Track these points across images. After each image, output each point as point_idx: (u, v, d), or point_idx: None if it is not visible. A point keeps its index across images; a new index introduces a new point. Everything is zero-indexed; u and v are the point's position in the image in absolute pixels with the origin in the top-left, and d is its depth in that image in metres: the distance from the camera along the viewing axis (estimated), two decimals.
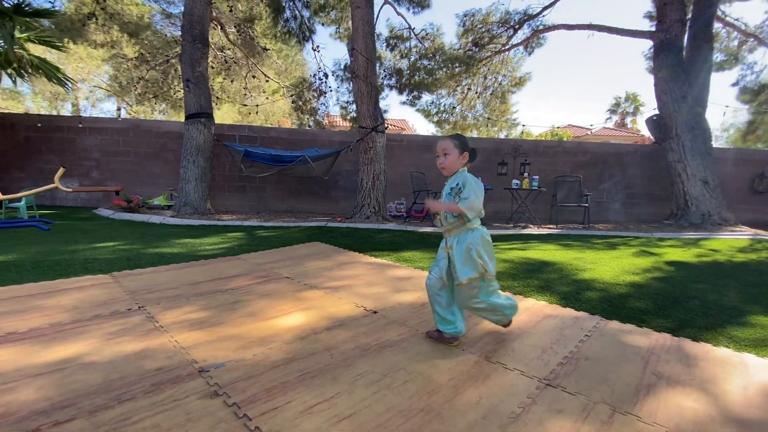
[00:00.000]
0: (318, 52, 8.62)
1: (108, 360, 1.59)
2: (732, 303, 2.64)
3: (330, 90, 9.59)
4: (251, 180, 7.70)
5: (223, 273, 3.01)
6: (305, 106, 9.66)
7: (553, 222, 7.51)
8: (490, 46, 10.59)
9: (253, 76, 10.71)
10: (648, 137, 25.13)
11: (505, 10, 10.32)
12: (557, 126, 27.21)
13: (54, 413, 1.23)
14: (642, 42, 9.83)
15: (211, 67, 9.28)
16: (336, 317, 2.14)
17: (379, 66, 10.25)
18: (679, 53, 7.15)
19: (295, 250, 4.01)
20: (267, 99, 10.97)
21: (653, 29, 7.95)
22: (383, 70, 10.71)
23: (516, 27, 10.40)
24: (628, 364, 1.68)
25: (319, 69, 9.07)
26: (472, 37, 10.73)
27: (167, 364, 1.56)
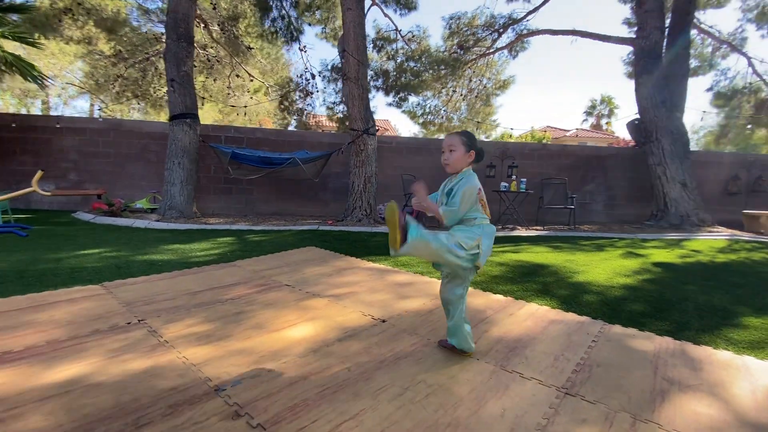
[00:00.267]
0: (305, 52, 8.52)
1: (116, 380, 1.51)
2: (722, 304, 2.75)
3: (317, 90, 9.48)
4: (237, 182, 7.54)
5: (221, 281, 2.93)
6: (291, 106, 9.53)
7: (540, 223, 7.67)
8: (475, 49, 10.72)
9: (237, 75, 10.50)
10: (623, 139, 26.06)
11: (490, 13, 10.45)
12: (536, 128, 27.87)
13: None
14: (617, 47, 10.15)
15: (194, 66, 9.05)
16: (345, 327, 2.12)
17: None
18: (659, 60, 7.42)
19: (291, 255, 3.95)
20: (252, 98, 10.76)
21: (632, 35, 8.24)
22: (370, 71, 10.69)
23: (500, 31, 10.56)
24: (638, 370, 1.73)
25: (306, 69, 8.95)
26: (457, 40, 10.83)
27: (180, 382, 1.50)
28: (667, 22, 7.69)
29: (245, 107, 10.43)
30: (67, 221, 5.77)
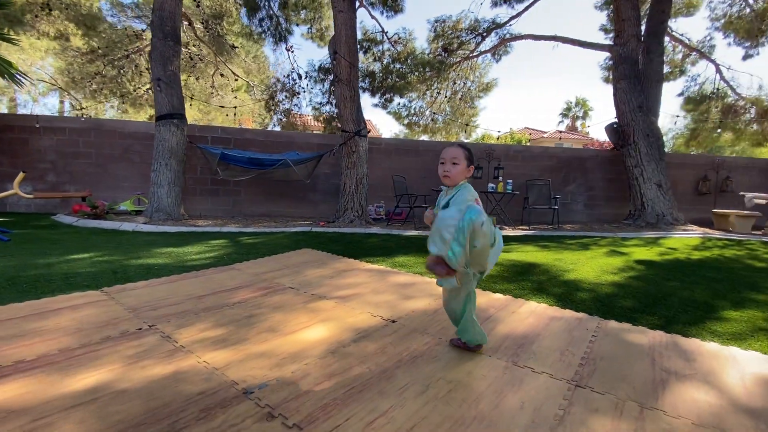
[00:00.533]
0: (292, 52, 8.47)
1: (141, 386, 1.52)
2: (703, 299, 2.94)
3: (303, 91, 9.44)
4: (224, 183, 7.44)
5: (223, 285, 2.93)
6: (277, 106, 9.45)
7: (525, 223, 7.90)
8: (459, 51, 10.92)
9: (221, 74, 10.33)
10: (597, 140, 27.01)
11: (474, 17, 10.69)
12: (515, 129, 28.56)
13: None
14: (593, 52, 10.55)
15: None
16: (357, 328, 2.17)
17: None
18: (636, 65, 7.77)
19: (289, 257, 3.96)
20: (236, 98, 10.60)
21: (608, 41, 8.61)
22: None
23: (484, 35, 10.80)
24: (638, 361, 1.85)
25: (293, 69, 8.90)
26: (442, 43, 11.00)
27: (207, 387, 1.52)
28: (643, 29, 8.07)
29: (235, 108, 10.26)
30: (49, 224, 5.56)
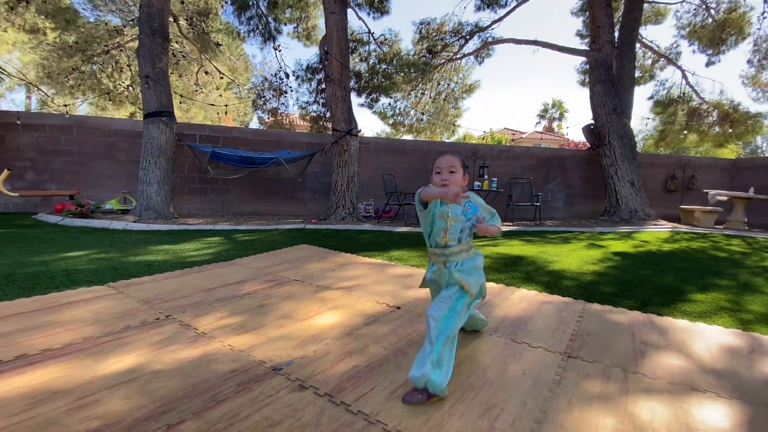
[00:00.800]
0: (279, 51, 8.50)
1: (174, 367, 1.62)
2: (673, 284, 3.24)
3: (291, 90, 9.48)
4: (213, 182, 7.42)
5: (229, 279, 3.01)
6: (265, 104, 9.45)
7: (509, 220, 8.21)
8: (443, 53, 11.18)
9: (206, 72, 10.23)
10: (573, 141, 28.03)
11: (458, 20, 10.93)
12: (495, 129, 29.26)
13: (159, 418, 1.28)
14: (569, 57, 11.02)
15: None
16: (367, 314, 2.32)
17: None
18: (610, 70, 8.21)
19: (288, 253, 4.06)
20: (221, 96, 10.51)
21: (584, 46, 9.06)
22: None
23: (467, 37, 11.10)
24: (620, 336, 2.08)
25: (280, 68, 8.93)
26: (426, 45, 11.24)
27: (238, 366, 1.64)
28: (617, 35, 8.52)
29: (226, 106, 10.16)
30: (32, 224, 5.43)
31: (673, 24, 11.53)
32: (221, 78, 10.22)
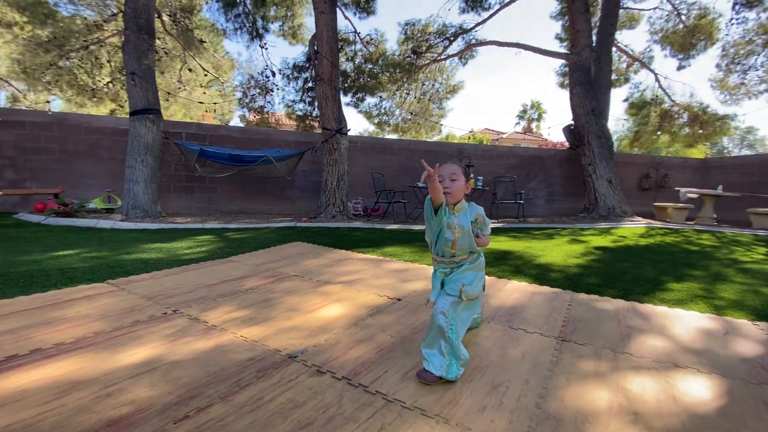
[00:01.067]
0: (266, 49, 8.47)
1: (191, 357, 1.67)
2: (651, 276, 3.46)
3: (277, 88, 9.44)
4: (200, 180, 7.34)
5: (229, 275, 3.05)
6: (252, 101, 9.39)
7: (494, 217, 8.44)
8: (427, 54, 11.35)
9: (189, 69, 10.07)
10: (551, 141, 28.82)
11: (443, 22, 11.12)
12: (476, 129, 29.77)
13: (188, 402, 1.34)
14: (549, 59, 11.39)
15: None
16: (369, 306, 2.41)
17: None
18: (589, 73, 8.54)
19: (283, 250, 4.10)
20: (204, 93, 10.37)
21: (563, 49, 9.38)
22: None
23: (451, 39, 11.29)
24: (607, 322, 2.25)
25: (266, 67, 8.89)
26: (411, 45, 11.38)
27: (254, 354, 1.71)
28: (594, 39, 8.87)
29: (215, 104, 10.02)
30: (14, 223, 5.27)
31: (647, 29, 12.09)
32: (205, 75, 10.08)
